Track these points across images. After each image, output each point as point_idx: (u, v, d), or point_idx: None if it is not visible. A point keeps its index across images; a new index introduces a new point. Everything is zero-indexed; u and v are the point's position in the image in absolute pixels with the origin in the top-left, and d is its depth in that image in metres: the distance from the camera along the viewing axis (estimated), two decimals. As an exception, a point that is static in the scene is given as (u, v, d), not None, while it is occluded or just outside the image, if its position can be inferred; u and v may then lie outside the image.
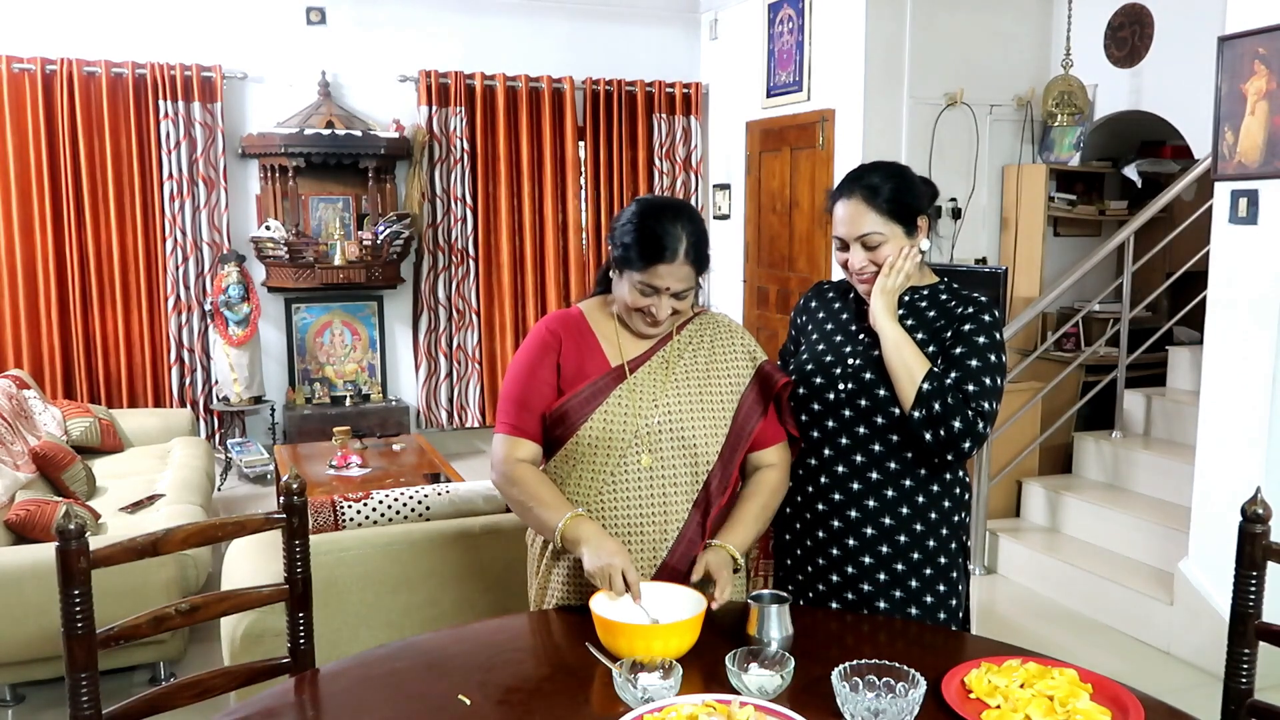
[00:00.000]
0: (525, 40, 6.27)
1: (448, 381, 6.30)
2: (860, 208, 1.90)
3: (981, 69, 5.25)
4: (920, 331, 1.93)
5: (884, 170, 1.93)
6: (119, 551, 1.62)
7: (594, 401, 1.88)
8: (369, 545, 2.67)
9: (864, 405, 1.92)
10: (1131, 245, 4.45)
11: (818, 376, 1.97)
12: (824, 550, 1.98)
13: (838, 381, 1.94)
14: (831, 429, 1.95)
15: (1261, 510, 1.65)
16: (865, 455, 1.93)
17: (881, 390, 1.90)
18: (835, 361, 1.97)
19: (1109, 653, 3.65)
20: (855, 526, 1.94)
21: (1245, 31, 3.20)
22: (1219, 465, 3.43)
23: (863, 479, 1.93)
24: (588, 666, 1.62)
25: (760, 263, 6.15)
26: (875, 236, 1.89)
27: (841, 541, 1.95)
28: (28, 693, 3.20)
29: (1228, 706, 1.69)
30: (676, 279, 1.84)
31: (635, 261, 1.83)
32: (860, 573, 1.95)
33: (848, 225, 1.92)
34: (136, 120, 5.52)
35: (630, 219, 1.86)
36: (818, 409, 1.97)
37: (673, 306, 1.87)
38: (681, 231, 1.83)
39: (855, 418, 1.93)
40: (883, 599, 1.95)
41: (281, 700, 1.58)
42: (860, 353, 1.95)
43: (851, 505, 1.94)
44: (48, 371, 5.47)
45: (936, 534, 1.95)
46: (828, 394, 1.95)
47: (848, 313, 2.04)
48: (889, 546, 1.93)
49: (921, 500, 1.93)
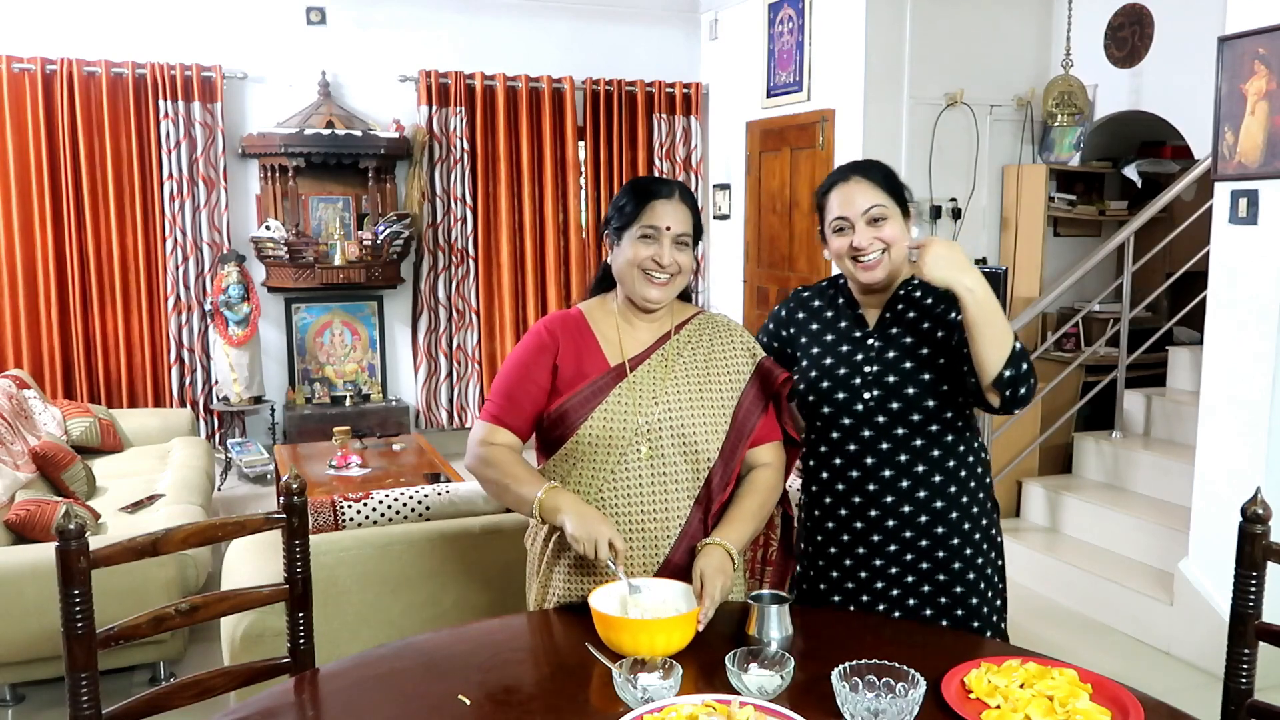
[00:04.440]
0: (525, 40, 6.27)
1: (448, 381, 6.30)
2: (861, 184, 1.90)
3: (981, 69, 5.25)
4: (925, 320, 1.95)
5: (870, 161, 1.97)
6: (119, 551, 1.62)
7: (594, 400, 1.88)
8: (369, 545, 2.67)
9: (896, 408, 1.92)
10: (1131, 245, 4.45)
11: (839, 391, 1.95)
12: (876, 553, 1.97)
13: (862, 391, 1.93)
14: (869, 438, 1.94)
15: (1261, 510, 1.64)
16: (909, 453, 1.93)
17: (909, 389, 1.90)
18: (851, 373, 1.95)
19: (1109, 653, 3.64)
20: (910, 519, 1.94)
21: (1245, 31, 3.20)
22: (1219, 465, 3.43)
23: (910, 474, 1.93)
24: (588, 666, 1.62)
25: (760, 263, 6.15)
26: (879, 209, 1.88)
27: (893, 539, 1.95)
28: (28, 693, 3.20)
29: (1228, 706, 1.69)
30: (675, 218, 1.88)
31: (632, 209, 1.89)
32: (907, 568, 1.96)
33: (851, 203, 1.90)
34: (136, 120, 5.52)
35: (621, 189, 1.98)
36: (849, 423, 1.95)
37: (675, 258, 1.88)
38: (671, 181, 1.94)
39: (889, 422, 1.93)
40: (927, 584, 1.96)
41: (281, 700, 1.58)
42: (874, 359, 1.95)
43: (904, 502, 1.94)
44: (48, 371, 5.47)
45: (975, 514, 1.97)
46: (856, 405, 1.94)
47: (845, 320, 2.02)
48: (936, 531, 1.94)
49: (956, 487, 1.95)
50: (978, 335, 1.76)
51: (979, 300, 1.75)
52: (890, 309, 1.98)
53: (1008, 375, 1.77)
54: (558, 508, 1.78)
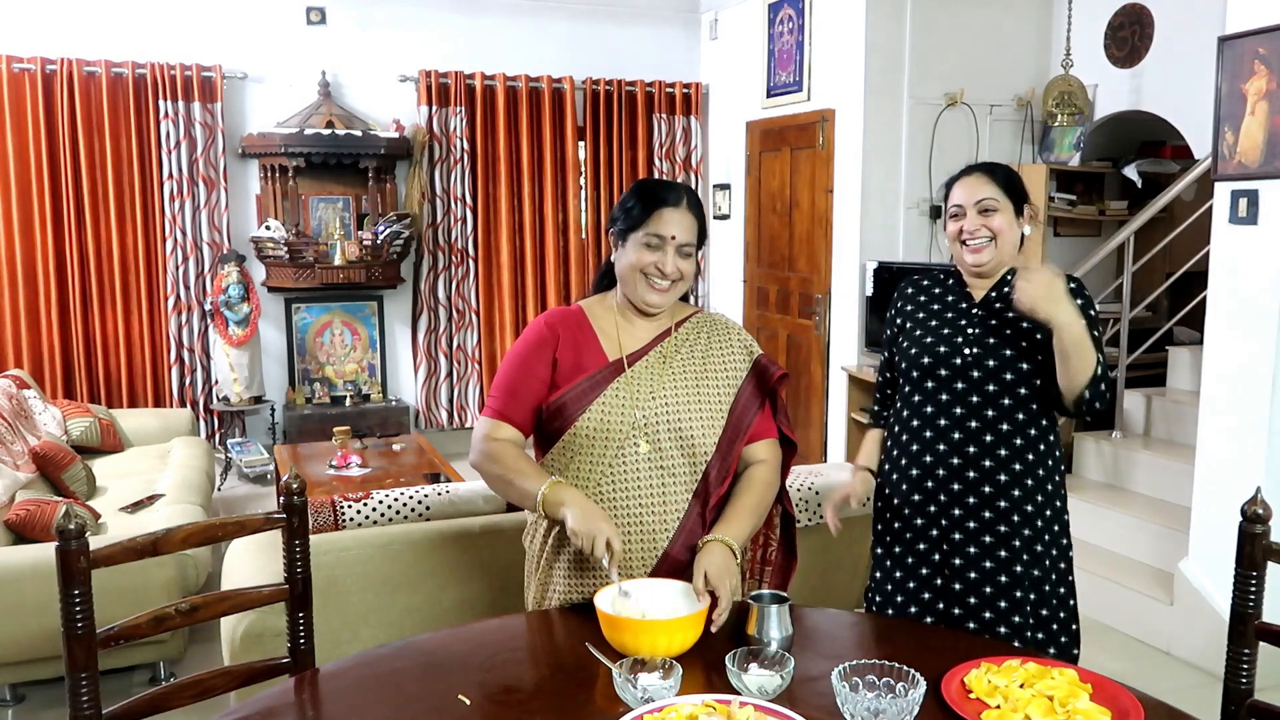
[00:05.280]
0: (525, 40, 6.27)
1: (448, 381, 6.30)
2: (980, 179, 2.12)
3: (981, 69, 5.25)
4: None
5: (997, 163, 2.21)
6: (119, 551, 1.62)
7: (592, 394, 1.89)
8: (369, 545, 2.67)
9: (991, 365, 2.04)
10: (1131, 245, 4.45)
11: (941, 346, 2.09)
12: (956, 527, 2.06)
13: (962, 347, 2.07)
14: (961, 389, 2.07)
15: (1261, 510, 1.65)
16: (994, 433, 2.05)
17: (1007, 350, 2.03)
18: (954, 332, 2.10)
19: (1109, 653, 3.64)
20: (989, 500, 2.04)
21: (1245, 31, 3.20)
22: (1219, 465, 3.43)
23: (992, 454, 2.04)
24: (588, 666, 1.62)
25: (760, 263, 6.15)
26: (991, 202, 2.08)
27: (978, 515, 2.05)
28: (28, 693, 3.20)
29: (1228, 706, 1.69)
30: (680, 227, 1.89)
31: (638, 214, 1.90)
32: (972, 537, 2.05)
33: (968, 193, 2.11)
34: (136, 120, 5.52)
35: (629, 190, 1.97)
36: (945, 374, 2.08)
37: (678, 266, 1.90)
38: (680, 187, 1.95)
39: (983, 378, 2.05)
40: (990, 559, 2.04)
41: (281, 700, 1.58)
42: (975, 338, 2.08)
43: (985, 481, 2.05)
44: (48, 371, 5.47)
45: (1042, 499, 2.07)
46: (955, 359, 2.07)
47: (952, 295, 2.18)
48: (1018, 514, 2.04)
49: (1042, 473, 2.07)
50: (1064, 362, 1.95)
51: (1071, 335, 1.92)
52: (997, 289, 2.12)
53: (1087, 395, 1.99)
54: (561, 501, 1.79)
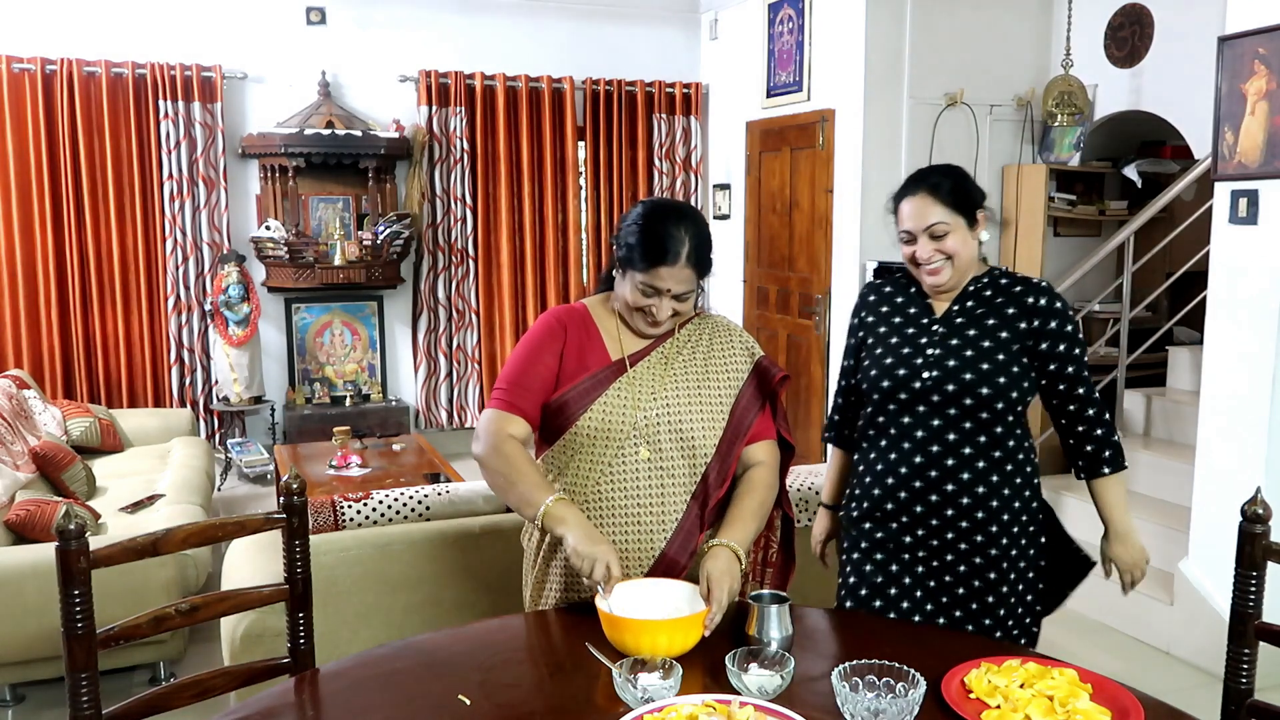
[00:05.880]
0: (525, 40, 6.27)
1: (448, 381, 6.30)
2: (926, 201, 2.01)
3: (981, 69, 5.24)
4: (992, 318, 2.03)
5: (942, 169, 2.08)
6: (119, 551, 1.62)
7: (593, 393, 1.90)
8: (369, 545, 2.67)
9: (951, 390, 1.99)
10: (1131, 245, 4.45)
11: (900, 368, 2.04)
12: (920, 524, 2.04)
13: (921, 370, 2.01)
14: (923, 413, 2.02)
15: (1261, 510, 1.65)
16: (958, 433, 2.00)
17: (966, 374, 1.98)
18: (914, 352, 2.04)
19: (1109, 653, 3.65)
20: (952, 499, 2.02)
21: (1245, 31, 3.20)
22: (1219, 465, 3.43)
23: (955, 453, 2.01)
24: (588, 666, 1.62)
25: (760, 263, 6.15)
26: (941, 226, 2.00)
27: (941, 513, 2.02)
28: (28, 693, 3.20)
29: (1228, 706, 1.69)
30: (678, 281, 1.86)
31: (638, 262, 1.85)
32: (947, 549, 2.03)
33: (915, 218, 2.02)
34: (136, 120, 5.52)
35: (635, 220, 1.89)
36: (905, 397, 2.03)
37: (673, 308, 1.90)
38: (684, 235, 1.85)
39: (943, 402, 2.00)
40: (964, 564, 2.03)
41: (281, 700, 1.58)
42: (937, 343, 2.03)
43: (948, 480, 2.01)
44: (48, 371, 5.47)
45: (1016, 506, 2.09)
46: (913, 382, 2.02)
47: (915, 307, 2.11)
48: (969, 521, 2.02)
49: (999, 476, 2.04)
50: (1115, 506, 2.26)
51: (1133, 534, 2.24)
52: (959, 303, 2.07)
53: (1109, 470, 2.24)
54: (563, 519, 1.77)
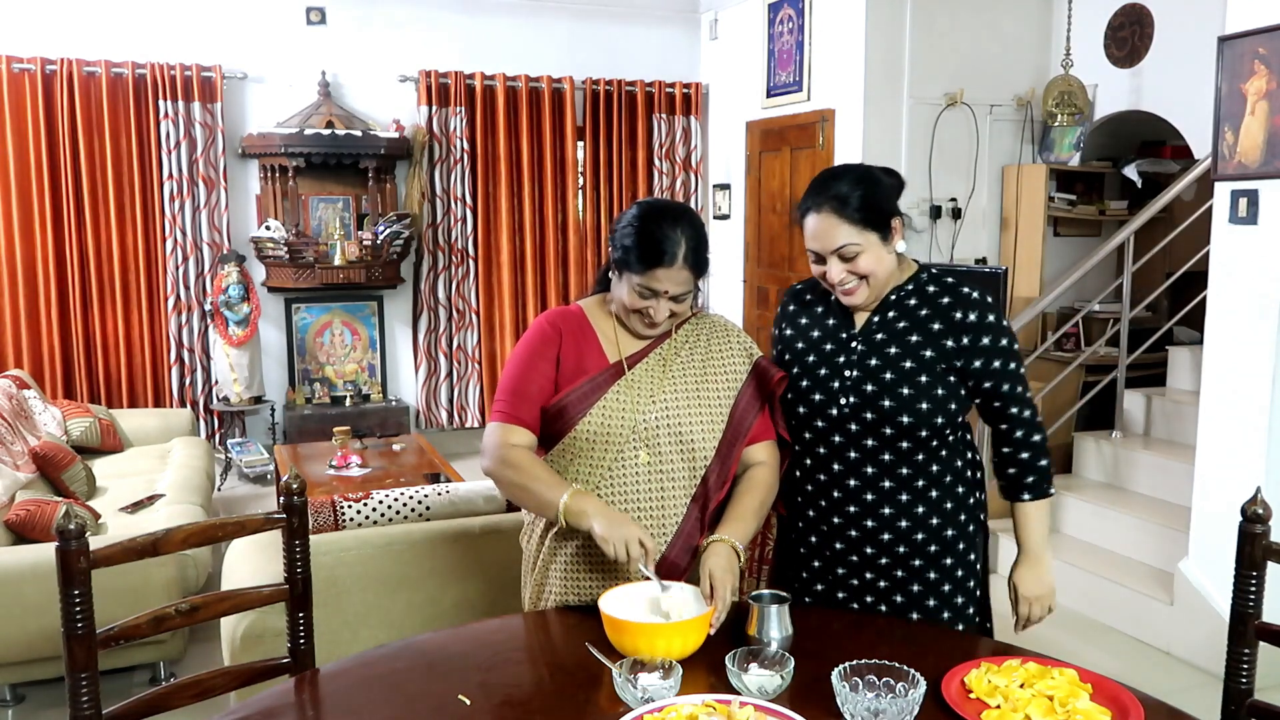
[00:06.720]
0: (525, 40, 6.27)
1: (448, 381, 6.30)
2: (831, 220, 1.84)
3: (981, 69, 5.25)
4: (915, 333, 1.89)
5: (850, 177, 1.87)
6: (119, 551, 1.62)
7: (592, 397, 1.89)
8: (369, 545, 2.67)
9: (870, 419, 1.89)
10: (1131, 245, 4.45)
11: (816, 393, 1.93)
12: (843, 559, 1.96)
13: (839, 396, 1.90)
14: (839, 444, 1.92)
15: (1261, 510, 1.65)
16: (876, 466, 1.90)
17: (885, 401, 1.87)
18: (831, 375, 1.93)
19: (1109, 653, 3.65)
20: (873, 534, 1.93)
21: (1245, 31, 3.20)
22: (1219, 465, 3.43)
23: (876, 489, 1.91)
24: (588, 666, 1.62)
25: (760, 263, 6.15)
26: (851, 248, 1.84)
27: (860, 549, 1.94)
28: (28, 693, 3.20)
29: (1228, 706, 1.69)
30: (675, 283, 1.85)
31: (634, 264, 1.84)
32: (879, 575, 1.95)
33: (822, 240, 1.86)
34: (136, 120, 5.52)
35: (631, 221, 1.87)
36: (822, 425, 1.93)
37: (670, 309, 1.89)
38: (681, 236, 1.83)
39: (861, 431, 1.90)
40: (900, 594, 1.95)
41: (281, 700, 1.58)
42: (855, 363, 1.91)
43: (867, 515, 1.92)
44: (48, 371, 5.47)
45: (955, 522, 1.96)
46: (830, 409, 1.91)
47: (834, 317, 1.98)
48: (906, 546, 1.92)
49: (935, 494, 1.93)
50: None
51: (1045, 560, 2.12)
52: (880, 313, 1.94)
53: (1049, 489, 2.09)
54: (584, 511, 1.77)
